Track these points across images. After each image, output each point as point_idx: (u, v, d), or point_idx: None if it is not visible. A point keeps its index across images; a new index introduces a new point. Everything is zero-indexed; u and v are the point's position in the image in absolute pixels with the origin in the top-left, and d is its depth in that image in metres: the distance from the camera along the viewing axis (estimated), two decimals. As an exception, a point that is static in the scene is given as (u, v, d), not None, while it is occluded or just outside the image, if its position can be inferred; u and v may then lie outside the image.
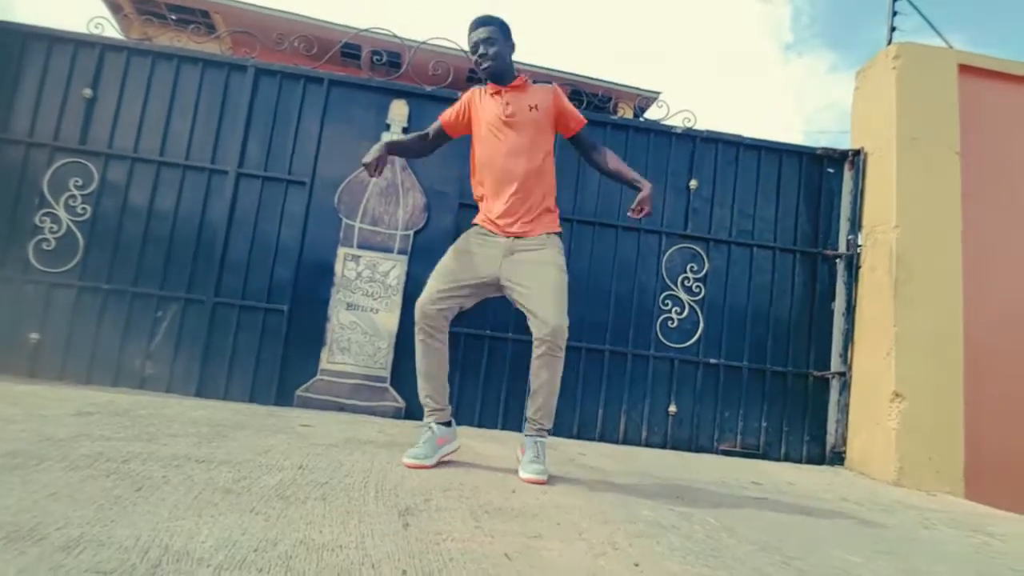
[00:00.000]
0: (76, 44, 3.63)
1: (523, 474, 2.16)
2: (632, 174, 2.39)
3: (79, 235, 3.49)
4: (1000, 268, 3.57)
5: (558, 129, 2.38)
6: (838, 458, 3.66)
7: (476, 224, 2.37)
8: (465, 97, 2.39)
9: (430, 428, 2.26)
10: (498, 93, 2.30)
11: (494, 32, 2.28)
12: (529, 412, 2.27)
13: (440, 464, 2.25)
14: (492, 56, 2.26)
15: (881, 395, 3.38)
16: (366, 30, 4.08)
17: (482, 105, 2.34)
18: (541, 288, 2.17)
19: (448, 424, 2.32)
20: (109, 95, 3.62)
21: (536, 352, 2.17)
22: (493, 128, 2.28)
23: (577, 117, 2.38)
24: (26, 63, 3.60)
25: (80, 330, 3.43)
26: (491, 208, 2.30)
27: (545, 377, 2.19)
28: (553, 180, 2.38)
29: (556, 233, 2.33)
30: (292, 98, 3.73)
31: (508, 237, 2.26)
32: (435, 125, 2.44)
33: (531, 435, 2.26)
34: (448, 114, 2.40)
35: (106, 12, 8.62)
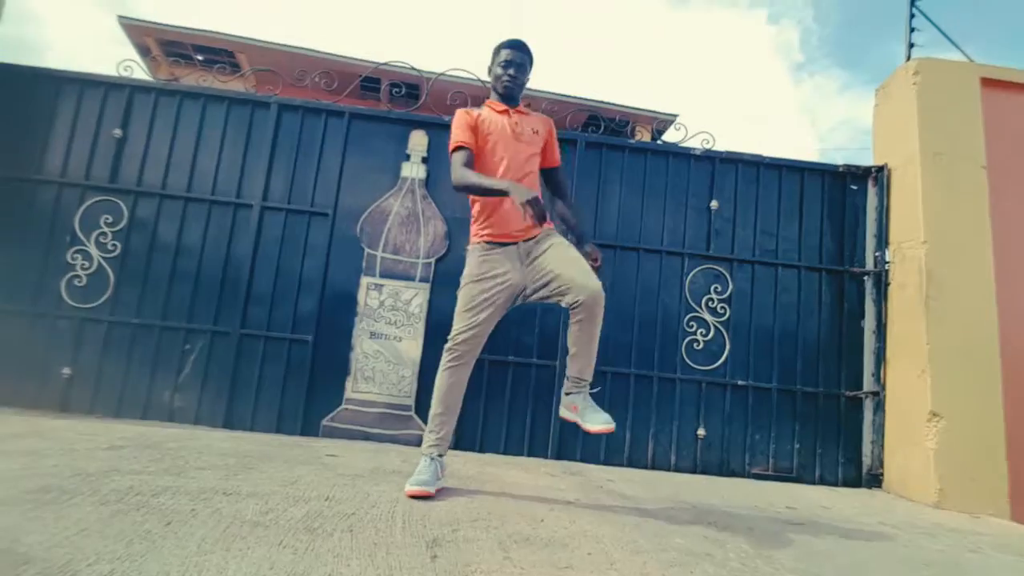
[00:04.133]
0: (107, 87, 3.76)
1: (591, 426, 2.18)
2: (579, 229, 2.53)
3: (109, 271, 3.57)
4: (1035, 281, 3.47)
5: (543, 156, 2.47)
6: (875, 480, 3.55)
7: (481, 242, 2.31)
8: (466, 119, 2.32)
9: (433, 459, 2.24)
10: (506, 112, 2.38)
11: (527, 61, 2.42)
12: (572, 372, 2.27)
13: (467, 492, 2.23)
14: (521, 80, 2.40)
15: (917, 415, 3.28)
16: (385, 64, 4.16)
17: (490, 121, 2.35)
18: (568, 263, 2.20)
19: (444, 456, 2.31)
20: (138, 134, 3.73)
21: (576, 318, 2.17)
22: (505, 142, 2.32)
23: (558, 153, 2.53)
24: (59, 106, 3.72)
25: (110, 364, 3.48)
26: (504, 220, 2.27)
27: (587, 338, 2.21)
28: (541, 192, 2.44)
29: (552, 228, 2.38)
30: (314, 132, 3.80)
31: (520, 242, 2.29)
32: (465, 157, 2.27)
33: (575, 392, 2.27)
34: (467, 139, 2.29)
35: (135, 55, 8.93)
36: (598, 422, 2.17)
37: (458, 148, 2.29)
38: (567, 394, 2.30)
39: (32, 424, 2.90)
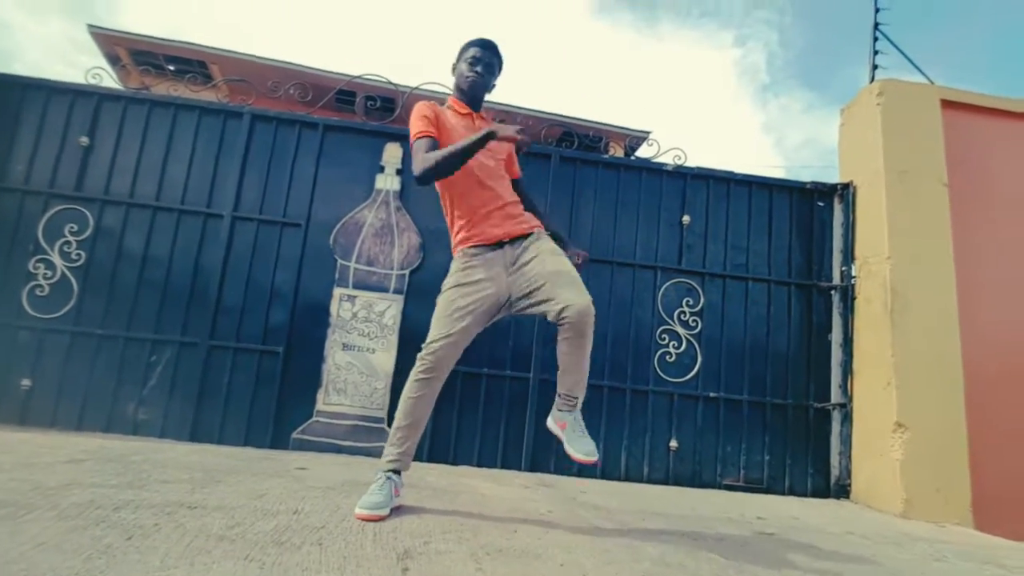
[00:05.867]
0: (74, 94, 3.69)
1: (573, 452, 2.07)
2: (558, 233, 2.38)
3: (73, 281, 3.48)
4: (993, 296, 3.58)
5: (507, 167, 2.35)
6: (843, 491, 3.60)
7: (462, 249, 2.19)
8: (428, 111, 2.18)
9: (390, 478, 2.04)
10: (469, 115, 2.26)
11: (496, 63, 2.30)
12: (562, 389, 2.13)
13: (440, 504, 2.20)
14: (487, 81, 2.28)
15: (884, 426, 3.35)
16: (360, 77, 4.16)
17: (452, 121, 2.21)
18: (557, 274, 2.06)
19: (402, 473, 2.13)
20: (106, 143, 3.67)
21: (564, 334, 2.02)
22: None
23: (518, 165, 2.42)
24: (24, 113, 3.64)
25: (72, 376, 3.39)
26: (481, 223, 2.17)
27: (578, 354, 2.05)
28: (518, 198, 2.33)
29: (541, 231, 2.25)
30: (287, 143, 3.77)
31: (505, 244, 2.14)
32: (428, 144, 2.11)
33: (565, 409, 2.14)
34: (429, 130, 2.14)
35: (105, 64, 8.79)
36: (581, 451, 2.05)
37: (420, 137, 2.12)
38: (558, 410, 2.17)
39: (-12, 438, 2.80)
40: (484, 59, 2.25)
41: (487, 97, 2.36)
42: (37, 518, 1.55)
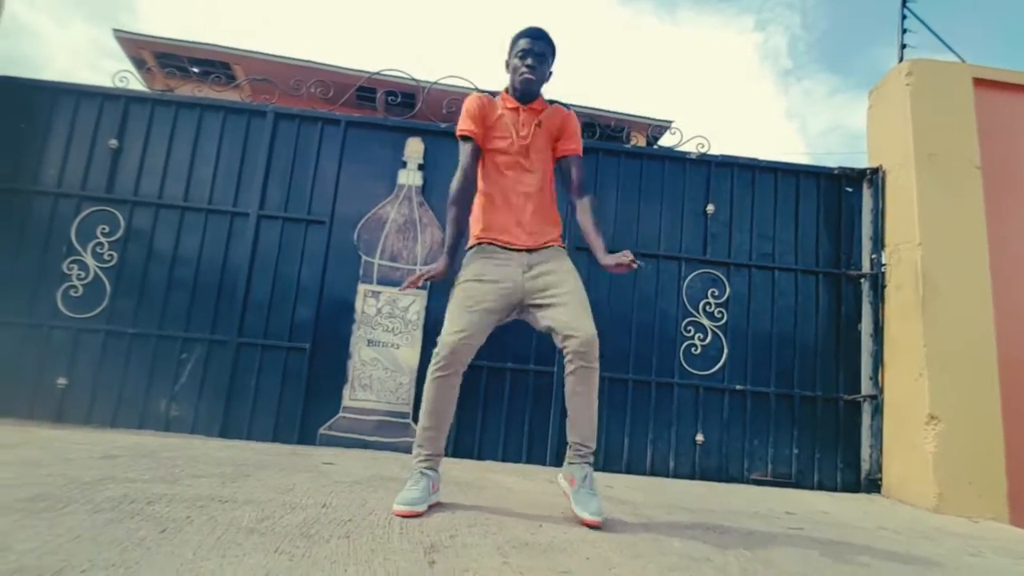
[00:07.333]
0: (103, 98, 3.77)
1: (581, 512, 1.99)
2: (597, 242, 2.17)
3: (106, 281, 3.56)
4: (1031, 283, 3.47)
5: (555, 144, 2.26)
6: (874, 485, 3.53)
7: (481, 244, 2.19)
8: (475, 106, 2.19)
9: (425, 474, 2.04)
10: (516, 110, 2.21)
11: (548, 52, 2.20)
12: (572, 438, 2.10)
13: (465, 498, 2.21)
14: (541, 72, 2.18)
15: (916, 418, 3.27)
16: (380, 72, 4.17)
17: (497, 117, 2.20)
18: (568, 298, 2.05)
19: (437, 471, 2.11)
20: (134, 145, 3.74)
21: (569, 368, 2.03)
22: (509, 143, 2.18)
23: (576, 141, 2.28)
24: (55, 118, 3.73)
25: (106, 374, 3.47)
26: (507, 222, 2.17)
27: (583, 395, 2.04)
28: (554, 195, 2.29)
29: (563, 247, 2.24)
30: (310, 140, 3.81)
31: (524, 251, 2.14)
32: (469, 150, 2.17)
33: (577, 462, 2.08)
34: (472, 130, 2.17)
35: (131, 68, 8.95)
36: (587, 510, 1.97)
37: (460, 136, 2.17)
38: (569, 463, 2.12)
39: (27, 434, 2.88)
40: (535, 50, 2.15)
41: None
42: (74, 511, 1.59)
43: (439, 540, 1.65)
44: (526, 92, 2.21)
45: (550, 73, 2.24)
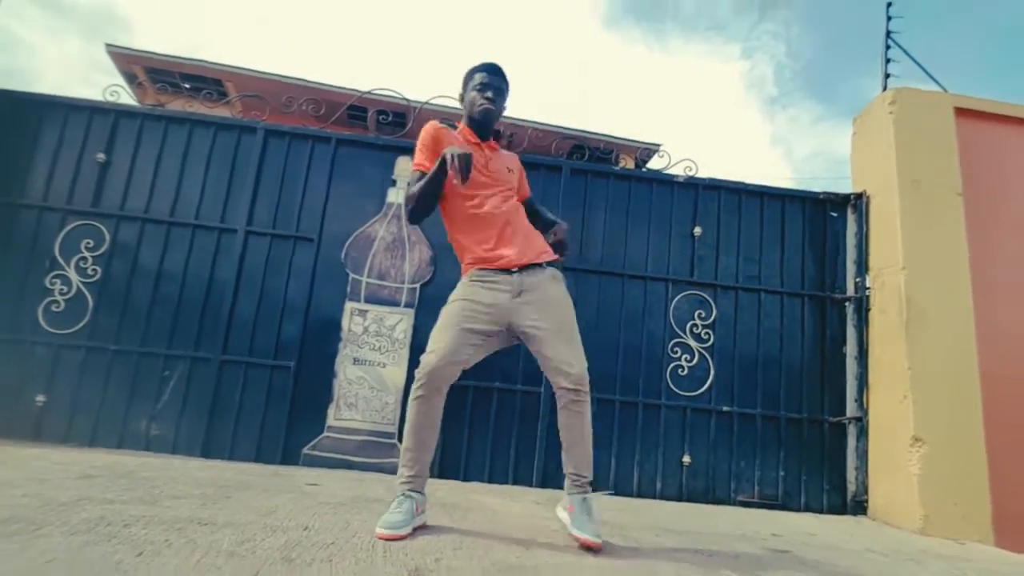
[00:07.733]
0: (91, 111, 3.75)
1: (579, 534, 1.95)
2: (548, 216, 2.40)
3: (88, 296, 3.52)
4: (1010, 306, 3.52)
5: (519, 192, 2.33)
6: (860, 507, 3.54)
7: (472, 270, 2.17)
8: (430, 140, 2.16)
9: (409, 496, 2.00)
10: (477, 145, 2.21)
11: (504, 86, 2.25)
12: (568, 468, 2.10)
13: (451, 520, 2.19)
14: (498, 107, 2.23)
15: (900, 440, 3.29)
16: (371, 91, 4.20)
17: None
18: (557, 331, 2.04)
19: (422, 492, 2.08)
20: (123, 159, 3.72)
21: (561, 403, 2.04)
22: (476, 175, 2.11)
23: (527, 185, 2.42)
24: (43, 131, 3.70)
25: (86, 391, 3.41)
26: (489, 244, 2.14)
27: (578, 427, 2.06)
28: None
29: (555, 263, 2.21)
30: (300, 157, 3.81)
31: (514, 271, 2.10)
32: (419, 179, 2.14)
33: (575, 492, 2.07)
34: (424, 163, 2.14)
35: (123, 83, 8.94)
36: (585, 531, 1.94)
37: (414, 170, 2.16)
38: (568, 493, 2.11)
39: (2, 453, 2.82)
40: (493, 84, 2.20)
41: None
42: (49, 534, 1.55)
43: (424, 563, 1.62)
44: (485, 123, 2.23)
45: (504, 108, 2.30)
